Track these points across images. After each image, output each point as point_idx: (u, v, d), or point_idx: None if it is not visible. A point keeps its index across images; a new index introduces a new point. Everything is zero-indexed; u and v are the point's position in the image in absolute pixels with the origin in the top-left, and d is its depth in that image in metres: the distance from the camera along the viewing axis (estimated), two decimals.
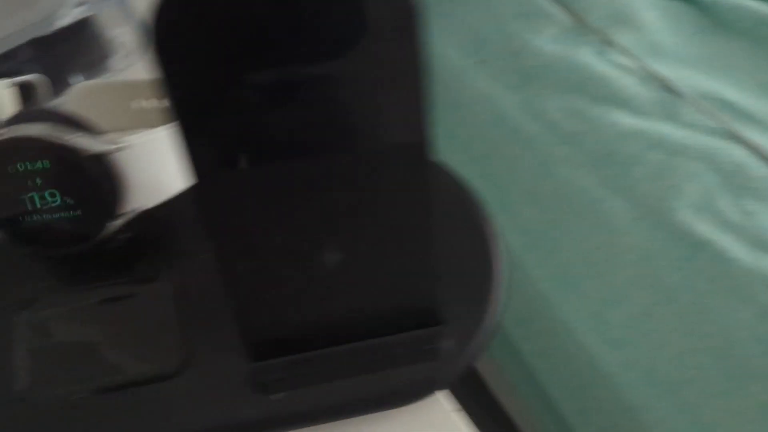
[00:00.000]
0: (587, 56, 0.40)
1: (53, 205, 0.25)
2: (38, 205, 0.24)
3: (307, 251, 0.22)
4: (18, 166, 0.23)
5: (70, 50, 0.32)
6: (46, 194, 0.24)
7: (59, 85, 0.32)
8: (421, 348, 0.26)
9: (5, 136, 0.23)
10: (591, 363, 0.40)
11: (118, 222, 0.25)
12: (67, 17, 0.31)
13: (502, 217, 0.42)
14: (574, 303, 0.40)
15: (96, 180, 0.24)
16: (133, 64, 0.35)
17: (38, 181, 0.24)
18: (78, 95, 0.33)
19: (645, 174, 0.36)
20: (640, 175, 0.36)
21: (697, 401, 0.36)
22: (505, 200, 0.41)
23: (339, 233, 0.22)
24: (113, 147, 0.24)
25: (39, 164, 0.23)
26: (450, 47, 0.43)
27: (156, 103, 0.32)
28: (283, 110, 0.19)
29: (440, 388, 0.26)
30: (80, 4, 0.32)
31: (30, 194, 0.24)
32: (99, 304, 0.27)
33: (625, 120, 0.38)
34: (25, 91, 0.30)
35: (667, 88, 0.38)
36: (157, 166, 0.26)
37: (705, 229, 0.35)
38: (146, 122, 0.33)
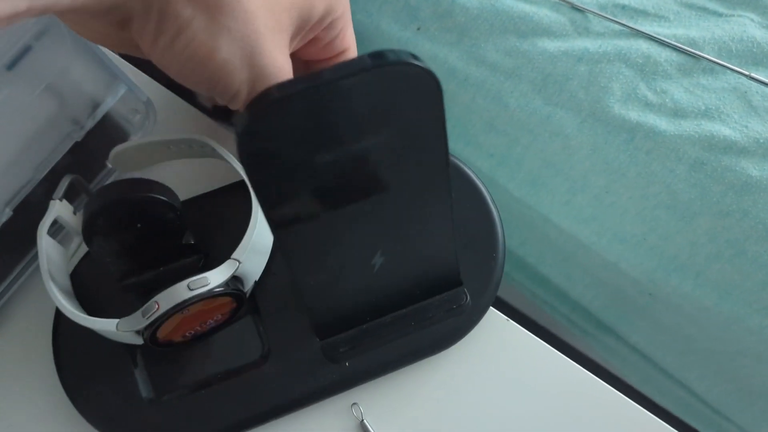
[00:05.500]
0: (504, 0, 0.45)
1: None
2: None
3: (360, 260, 0.29)
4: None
5: (97, 143, 0.35)
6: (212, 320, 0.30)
7: (91, 173, 0.35)
8: (449, 307, 0.33)
9: (189, 300, 0.29)
10: (571, 240, 0.47)
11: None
12: (93, 120, 0.34)
13: (468, 149, 0.48)
14: (546, 198, 0.47)
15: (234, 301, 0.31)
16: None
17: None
18: (120, 157, 0.36)
19: (578, 85, 0.43)
20: (575, 87, 0.43)
21: (659, 243, 0.45)
22: (469, 136, 0.47)
23: (384, 243, 0.29)
24: (235, 268, 0.29)
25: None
26: (391, 23, 0.48)
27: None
28: (344, 174, 0.24)
29: (464, 334, 0.33)
30: (97, 105, 0.34)
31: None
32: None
33: (551, 45, 0.44)
34: (70, 193, 0.33)
35: (573, 8, 0.44)
36: (257, 255, 0.31)
37: (635, 114, 0.43)
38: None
